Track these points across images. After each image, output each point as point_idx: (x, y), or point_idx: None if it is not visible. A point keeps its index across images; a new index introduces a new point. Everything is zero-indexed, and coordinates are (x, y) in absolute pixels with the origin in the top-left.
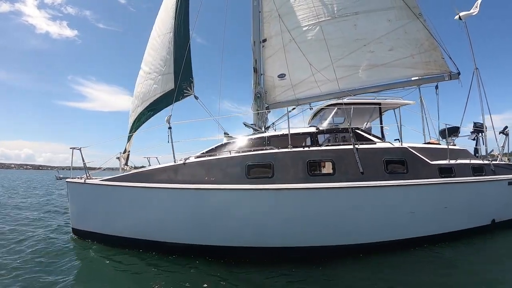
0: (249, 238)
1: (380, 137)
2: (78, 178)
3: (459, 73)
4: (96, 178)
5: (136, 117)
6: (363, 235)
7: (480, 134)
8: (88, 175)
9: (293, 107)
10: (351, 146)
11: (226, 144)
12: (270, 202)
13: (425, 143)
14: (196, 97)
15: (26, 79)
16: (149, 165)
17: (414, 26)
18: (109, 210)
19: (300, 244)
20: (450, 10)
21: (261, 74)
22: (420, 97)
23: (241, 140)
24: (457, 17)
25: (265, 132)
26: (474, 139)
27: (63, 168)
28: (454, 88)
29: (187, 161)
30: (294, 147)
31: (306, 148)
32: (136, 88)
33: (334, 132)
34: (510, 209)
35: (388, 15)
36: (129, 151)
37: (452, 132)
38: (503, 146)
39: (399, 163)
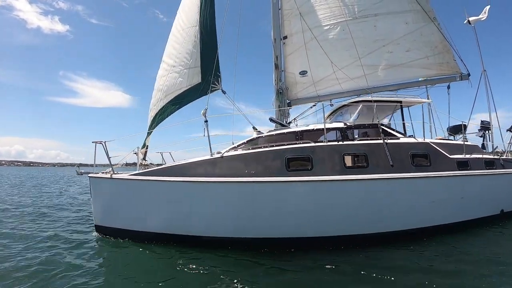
0: (289, 229)
1: (403, 132)
2: (103, 173)
3: (469, 74)
4: (121, 173)
5: (159, 111)
6: (392, 223)
7: (487, 131)
8: (113, 170)
9: (314, 103)
10: (381, 141)
11: (257, 138)
12: (310, 193)
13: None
14: (223, 92)
15: (17, 75)
16: (163, 160)
17: (429, 29)
18: (142, 206)
19: (337, 233)
20: (455, 11)
21: (282, 71)
22: (427, 95)
23: (274, 134)
24: (466, 21)
25: (289, 126)
26: (481, 136)
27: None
28: (459, 87)
29: (225, 154)
30: (329, 141)
31: (341, 142)
32: (158, 81)
33: (361, 128)
34: None
35: (406, 17)
36: (147, 146)
37: (459, 129)
38: (510, 143)
39: (423, 156)
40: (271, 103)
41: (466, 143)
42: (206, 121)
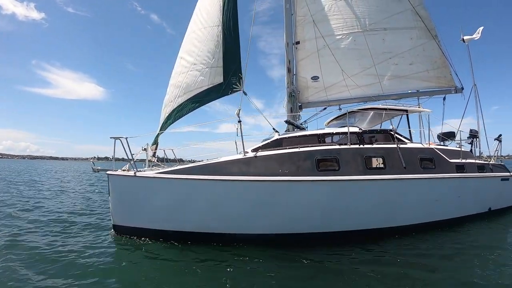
0: (317, 224)
1: (409, 138)
2: (124, 170)
3: (462, 88)
4: (143, 171)
5: (176, 108)
6: (403, 219)
7: (475, 139)
8: (136, 168)
9: (324, 107)
10: (394, 145)
11: (281, 139)
12: (338, 192)
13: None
14: (245, 93)
15: None
16: (165, 156)
17: (430, 45)
18: (172, 204)
19: (359, 228)
20: (450, 30)
21: (294, 75)
22: (419, 104)
23: (297, 136)
24: (461, 39)
25: (306, 129)
26: (470, 143)
27: (24, 157)
28: (449, 97)
29: (258, 154)
30: (351, 144)
31: (362, 146)
32: (175, 77)
33: (375, 133)
34: (502, 199)
35: (411, 33)
36: (158, 143)
37: (449, 136)
38: (497, 150)
39: (429, 160)
40: (282, 105)
41: (462, 149)
42: (239, 121)
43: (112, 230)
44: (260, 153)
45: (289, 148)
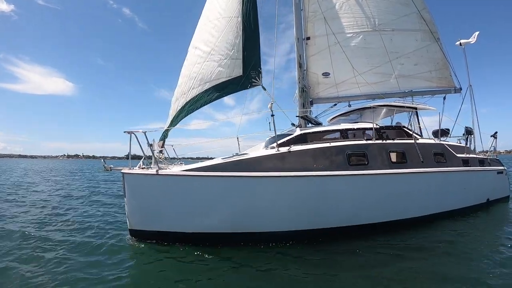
0: (348, 218)
1: (420, 134)
2: (143, 168)
3: (460, 88)
4: (166, 168)
5: (190, 100)
6: (422, 210)
7: (470, 135)
8: (158, 165)
9: (334, 103)
10: (412, 141)
11: (305, 134)
12: (368, 186)
13: None
14: (264, 88)
15: None
16: (163, 153)
17: (433, 48)
18: (203, 204)
19: (383, 220)
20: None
21: (305, 70)
22: (412, 102)
23: (321, 131)
24: (458, 43)
25: (320, 125)
26: (465, 140)
27: None
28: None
29: (292, 149)
30: (379, 139)
31: (384, 141)
32: (189, 67)
33: (390, 129)
34: (497, 191)
35: (416, 35)
36: (164, 138)
37: (444, 133)
38: (493, 146)
39: (441, 155)
40: (293, 100)
41: (462, 145)
42: (272, 115)
43: (129, 235)
44: (293, 148)
45: (320, 143)
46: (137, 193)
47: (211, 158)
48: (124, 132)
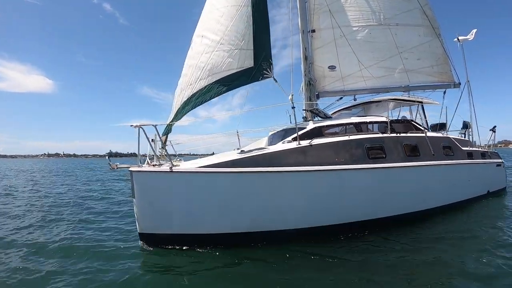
0: (369, 212)
1: (426, 127)
2: (156, 165)
3: (459, 83)
4: (179, 165)
5: (198, 91)
6: (433, 202)
7: (467, 130)
8: (172, 162)
9: (340, 97)
10: (423, 134)
11: (319, 128)
12: (387, 179)
13: None
14: (275, 80)
15: None
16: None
17: (435, 43)
18: (223, 203)
19: (400, 212)
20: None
21: (311, 63)
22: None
23: (335, 124)
24: (456, 39)
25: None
26: (463, 134)
27: None
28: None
29: (313, 143)
30: (394, 132)
31: (399, 134)
32: (196, 57)
33: (399, 122)
34: (497, 183)
35: (419, 31)
36: (168, 133)
37: (441, 127)
38: (491, 139)
39: (449, 148)
40: (298, 94)
41: (464, 138)
42: (293, 108)
43: (140, 241)
44: (315, 142)
45: (338, 136)
46: (148, 193)
47: (211, 154)
48: (131, 126)
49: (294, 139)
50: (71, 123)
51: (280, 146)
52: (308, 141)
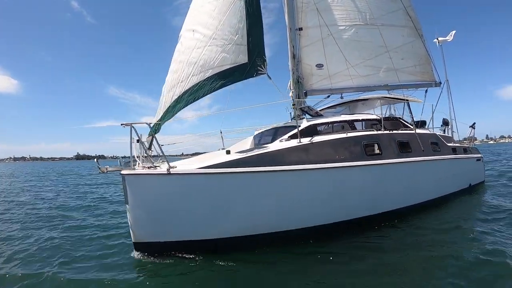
0: (368, 207)
1: (413, 124)
2: (150, 168)
3: (440, 82)
4: (176, 166)
5: (190, 88)
6: (423, 196)
7: (447, 126)
8: (169, 164)
9: (327, 95)
10: (413, 131)
11: (314, 125)
12: (383, 175)
13: None
14: (269, 77)
15: None
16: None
17: (418, 44)
18: (228, 205)
19: (394, 208)
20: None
21: (298, 61)
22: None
23: (329, 122)
24: (435, 40)
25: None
26: (443, 131)
27: None
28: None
29: (313, 140)
30: (386, 130)
31: (391, 131)
32: (187, 52)
33: (389, 120)
34: (477, 177)
35: (402, 31)
36: (155, 133)
37: (422, 125)
38: (470, 135)
39: (436, 144)
40: (282, 92)
41: (448, 135)
42: (294, 105)
43: (134, 250)
44: (316, 139)
45: (335, 134)
46: (144, 198)
47: (198, 154)
48: (122, 125)
49: (292, 137)
50: (36, 124)
51: (280, 145)
52: (309, 138)
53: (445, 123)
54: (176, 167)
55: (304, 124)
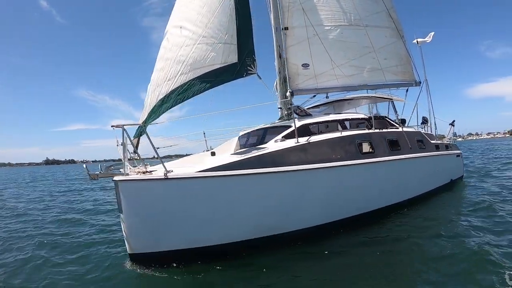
0: (361, 206)
1: (399, 123)
2: (145, 172)
3: (420, 82)
4: (174, 170)
5: (178, 88)
6: (413, 191)
7: (426, 124)
8: (166, 168)
9: (313, 94)
10: (400, 129)
11: (307, 125)
12: (376, 173)
13: None
14: (259, 77)
15: None
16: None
17: (399, 44)
18: (228, 210)
19: (387, 204)
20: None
21: (285, 61)
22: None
23: (320, 122)
24: (415, 41)
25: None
26: (422, 128)
27: None
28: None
29: (311, 140)
30: (376, 128)
31: (381, 130)
32: (174, 50)
33: (376, 119)
34: (457, 172)
35: (385, 32)
36: (141, 135)
37: (402, 123)
38: (452, 132)
39: (421, 142)
40: (272, 91)
41: (430, 133)
42: (291, 104)
43: (129, 261)
44: (312, 139)
45: (329, 134)
46: (140, 205)
47: (185, 155)
48: (112, 126)
49: (287, 137)
50: (3, 129)
51: (278, 145)
52: (305, 138)
53: (425, 121)
54: (173, 171)
55: (297, 124)
